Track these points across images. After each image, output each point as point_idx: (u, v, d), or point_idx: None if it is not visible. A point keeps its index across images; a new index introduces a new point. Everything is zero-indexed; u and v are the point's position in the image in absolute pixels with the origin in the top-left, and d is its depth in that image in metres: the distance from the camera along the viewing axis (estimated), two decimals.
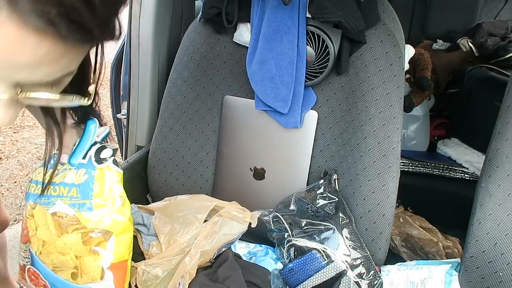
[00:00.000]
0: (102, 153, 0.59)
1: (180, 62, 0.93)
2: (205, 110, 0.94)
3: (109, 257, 0.56)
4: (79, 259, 0.56)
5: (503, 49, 1.35)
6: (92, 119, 0.59)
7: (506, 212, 0.68)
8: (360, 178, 0.79)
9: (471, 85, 1.39)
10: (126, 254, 0.59)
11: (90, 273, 0.56)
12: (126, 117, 1.08)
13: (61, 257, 0.57)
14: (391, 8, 0.81)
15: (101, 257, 0.55)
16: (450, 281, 0.74)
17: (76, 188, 0.57)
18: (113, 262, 0.56)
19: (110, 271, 0.56)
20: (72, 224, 0.56)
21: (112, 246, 0.55)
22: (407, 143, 1.47)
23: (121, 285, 0.59)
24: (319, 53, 0.80)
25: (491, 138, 0.73)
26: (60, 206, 0.57)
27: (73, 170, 0.58)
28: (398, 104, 0.78)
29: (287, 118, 0.84)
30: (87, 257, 0.56)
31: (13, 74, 0.30)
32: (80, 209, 0.56)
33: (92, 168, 0.58)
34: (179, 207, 0.77)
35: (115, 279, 0.57)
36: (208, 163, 0.95)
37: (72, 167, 0.59)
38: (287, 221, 0.78)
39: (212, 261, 0.73)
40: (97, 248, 0.56)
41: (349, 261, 0.73)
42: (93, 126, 0.59)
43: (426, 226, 1.19)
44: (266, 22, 0.81)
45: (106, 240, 0.55)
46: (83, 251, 0.56)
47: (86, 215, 0.55)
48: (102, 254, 0.55)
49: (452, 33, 1.45)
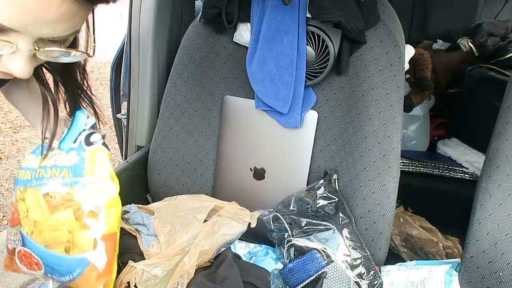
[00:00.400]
0: (91, 137, 0.63)
1: (180, 62, 0.93)
2: (205, 110, 0.94)
3: (101, 228, 0.60)
4: (71, 234, 0.59)
5: (503, 49, 1.35)
6: (81, 109, 0.63)
7: (506, 212, 0.68)
8: (360, 178, 0.79)
9: (471, 85, 1.39)
10: (116, 227, 0.62)
11: (83, 245, 0.60)
12: (126, 117, 1.08)
13: (53, 233, 0.60)
14: (391, 8, 0.81)
15: (93, 229, 0.59)
16: (450, 281, 0.74)
17: (68, 169, 0.60)
18: (104, 233, 0.60)
19: (102, 241, 0.60)
20: (64, 203, 0.59)
21: (103, 218, 0.60)
22: (407, 143, 1.47)
23: (111, 254, 0.62)
24: (319, 53, 0.80)
25: (491, 138, 0.73)
26: (52, 186, 0.60)
27: (64, 153, 0.62)
28: (398, 104, 0.78)
29: (287, 118, 0.84)
30: (79, 231, 0.59)
31: (39, 30, 0.36)
32: (72, 186, 0.60)
33: (82, 150, 0.62)
34: (179, 207, 0.77)
35: (106, 249, 0.61)
36: (208, 163, 0.95)
37: (62, 151, 0.62)
38: (287, 221, 0.78)
39: (212, 261, 0.73)
40: (89, 220, 0.59)
41: (349, 261, 0.73)
42: (82, 115, 0.63)
43: (426, 226, 1.19)
44: (266, 22, 0.81)
45: (98, 213, 0.59)
46: (76, 226, 0.59)
47: (78, 191, 0.59)
48: (94, 226, 0.59)
49: (452, 33, 1.44)
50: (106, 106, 3.19)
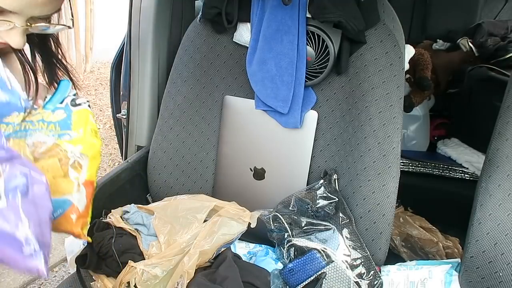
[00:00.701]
0: (77, 100, 0.68)
1: (180, 62, 0.93)
2: (205, 110, 0.94)
3: (84, 174, 0.65)
4: (55, 179, 0.63)
5: (503, 49, 1.35)
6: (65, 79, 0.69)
7: (506, 212, 0.68)
8: (360, 178, 0.79)
9: (471, 85, 1.39)
10: (94, 176, 0.68)
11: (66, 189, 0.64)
12: (126, 117, 1.08)
13: None
14: (391, 8, 0.81)
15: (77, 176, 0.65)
16: (450, 281, 0.74)
17: (55, 124, 0.64)
18: (86, 179, 0.66)
19: (83, 186, 0.65)
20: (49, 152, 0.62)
21: (86, 166, 0.66)
22: (407, 143, 1.47)
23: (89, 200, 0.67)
24: (319, 53, 0.80)
25: (491, 138, 0.73)
26: (39, 136, 0.63)
27: (50, 112, 0.65)
28: (398, 104, 0.78)
29: (287, 118, 0.84)
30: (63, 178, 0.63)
31: (32, 11, 0.48)
32: (60, 137, 0.64)
33: (69, 110, 0.67)
34: (179, 207, 0.77)
35: (86, 194, 0.66)
36: (208, 163, 0.95)
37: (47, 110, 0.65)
38: (287, 221, 0.78)
39: (212, 261, 0.73)
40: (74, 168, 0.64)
41: (349, 261, 0.73)
42: (67, 82, 0.69)
43: (426, 226, 1.19)
44: (266, 22, 0.81)
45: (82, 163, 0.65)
46: (60, 172, 0.63)
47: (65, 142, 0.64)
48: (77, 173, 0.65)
49: (452, 33, 1.44)
50: (106, 106, 3.19)
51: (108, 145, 2.62)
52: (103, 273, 0.75)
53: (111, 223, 0.77)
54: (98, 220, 0.78)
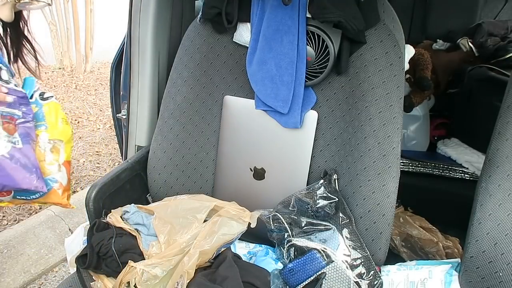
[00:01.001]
0: (45, 94, 0.80)
1: (180, 62, 0.93)
2: (205, 110, 0.94)
3: (62, 156, 0.81)
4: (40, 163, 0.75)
5: (503, 49, 1.35)
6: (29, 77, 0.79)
7: (506, 212, 0.68)
8: (360, 178, 0.79)
9: (471, 85, 1.39)
10: (70, 157, 0.84)
11: (50, 171, 0.78)
12: (126, 117, 1.08)
13: None
14: (391, 8, 0.81)
15: (57, 158, 0.79)
16: (450, 281, 0.74)
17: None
18: (65, 160, 0.81)
19: (63, 166, 0.81)
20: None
21: (63, 150, 0.81)
22: (407, 143, 1.47)
23: (69, 175, 0.83)
24: (319, 53, 0.80)
25: (491, 138, 0.73)
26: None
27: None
28: (398, 104, 0.78)
29: (287, 118, 0.84)
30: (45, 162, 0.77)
31: None
32: (37, 128, 0.76)
33: (39, 103, 0.78)
34: (179, 207, 0.77)
35: (66, 171, 0.81)
36: (208, 163, 0.95)
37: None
38: (287, 221, 0.78)
39: (212, 261, 0.73)
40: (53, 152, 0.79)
41: (349, 261, 0.73)
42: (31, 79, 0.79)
43: (426, 226, 1.19)
44: (266, 22, 0.81)
45: (59, 147, 0.80)
46: (42, 157, 0.77)
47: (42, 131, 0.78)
48: (57, 156, 0.80)
49: (452, 33, 1.44)
50: (106, 106, 3.19)
51: (108, 145, 2.61)
52: (103, 273, 0.75)
53: (111, 223, 0.77)
54: (98, 220, 0.78)
